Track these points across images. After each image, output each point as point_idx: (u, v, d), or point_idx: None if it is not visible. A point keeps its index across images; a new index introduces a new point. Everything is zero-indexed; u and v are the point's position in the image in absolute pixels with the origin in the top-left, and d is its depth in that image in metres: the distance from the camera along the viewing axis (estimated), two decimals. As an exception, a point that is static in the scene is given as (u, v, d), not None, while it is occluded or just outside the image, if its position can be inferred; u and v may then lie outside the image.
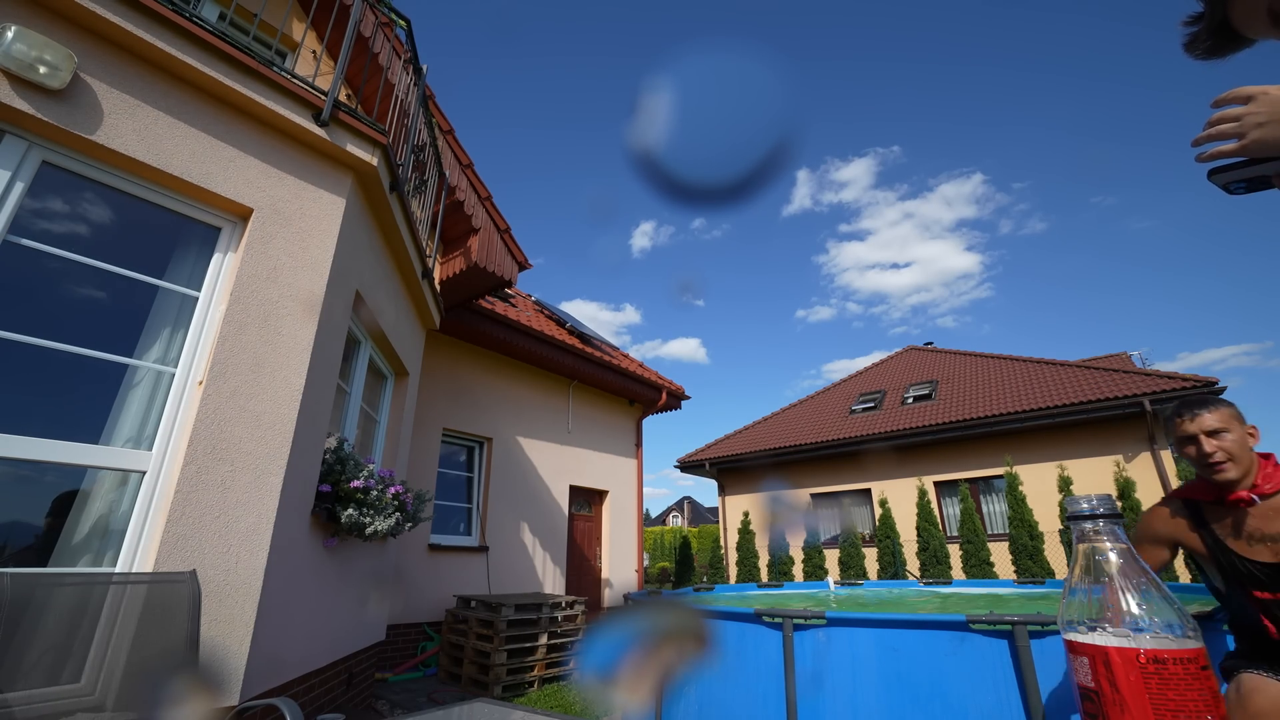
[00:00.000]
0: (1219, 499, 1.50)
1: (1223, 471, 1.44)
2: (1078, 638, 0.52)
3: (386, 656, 5.13)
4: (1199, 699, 0.44)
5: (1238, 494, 1.46)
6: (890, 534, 10.23)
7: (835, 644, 2.38)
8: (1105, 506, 0.55)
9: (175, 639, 1.84)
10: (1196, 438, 1.47)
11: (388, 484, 3.34)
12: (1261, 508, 1.44)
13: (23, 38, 1.91)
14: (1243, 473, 1.44)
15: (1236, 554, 1.47)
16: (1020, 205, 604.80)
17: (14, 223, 1.98)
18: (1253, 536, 1.44)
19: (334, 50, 4.47)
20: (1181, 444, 1.51)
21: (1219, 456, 1.44)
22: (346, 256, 2.94)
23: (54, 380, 2.10)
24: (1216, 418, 1.47)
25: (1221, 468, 1.44)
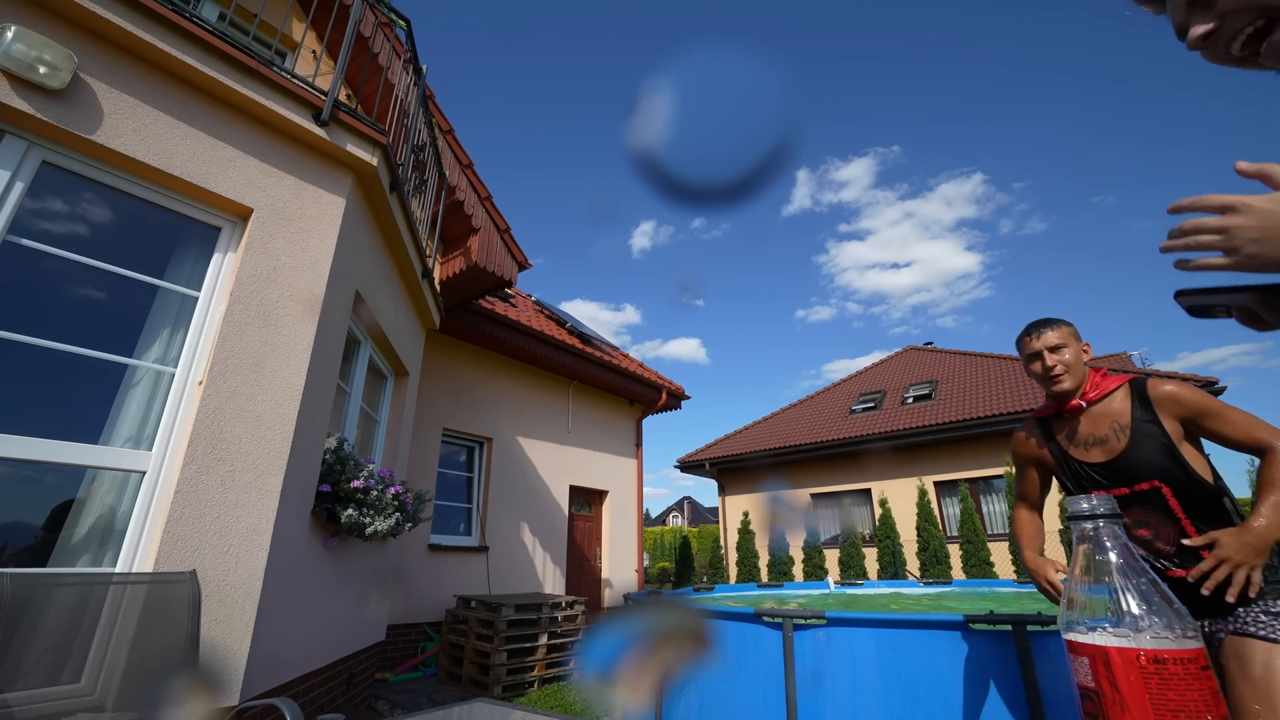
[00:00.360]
0: (1059, 412, 1.64)
1: (1060, 383, 1.57)
2: (1078, 638, 0.52)
3: (386, 656, 5.13)
4: (1199, 699, 0.44)
5: (1071, 403, 1.61)
6: (890, 534, 10.23)
7: (835, 644, 2.38)
8: (1105, 507, 0.55)
9: (175, 639, 1.84)
10: (1040, 354, 1.60)
11: (388, 484, 3.34)
12: (1090, 413, 1.58)
13: (23, 38, 1.92)
14: (1077, 384, 1.58)
15: (1075, 459, 1.61)
16: (1020, 205, 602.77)
17: (14, 223, 1.98)
18: (1085, 441, 1.58)
19: (334, 50, 4.47)
20: (1029, 361, 1.64)
21: (1058, 370, 1.57)
22: (346, 256, 2.94)
23: (54, 380, 2.10)
24: (1057, 335, 1.60)
25: (1060, 379, 1.56)
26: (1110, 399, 1.57)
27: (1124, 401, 1.54)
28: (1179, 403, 1.46)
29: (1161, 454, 1.45)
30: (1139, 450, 1.47)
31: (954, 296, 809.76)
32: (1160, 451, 1.45)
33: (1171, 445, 1.45)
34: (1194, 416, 1.45)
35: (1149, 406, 1.49)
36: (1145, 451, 1.46)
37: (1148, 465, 1.46)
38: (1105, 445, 1.53)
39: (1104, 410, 1.56)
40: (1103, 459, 1.53)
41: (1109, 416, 1.55)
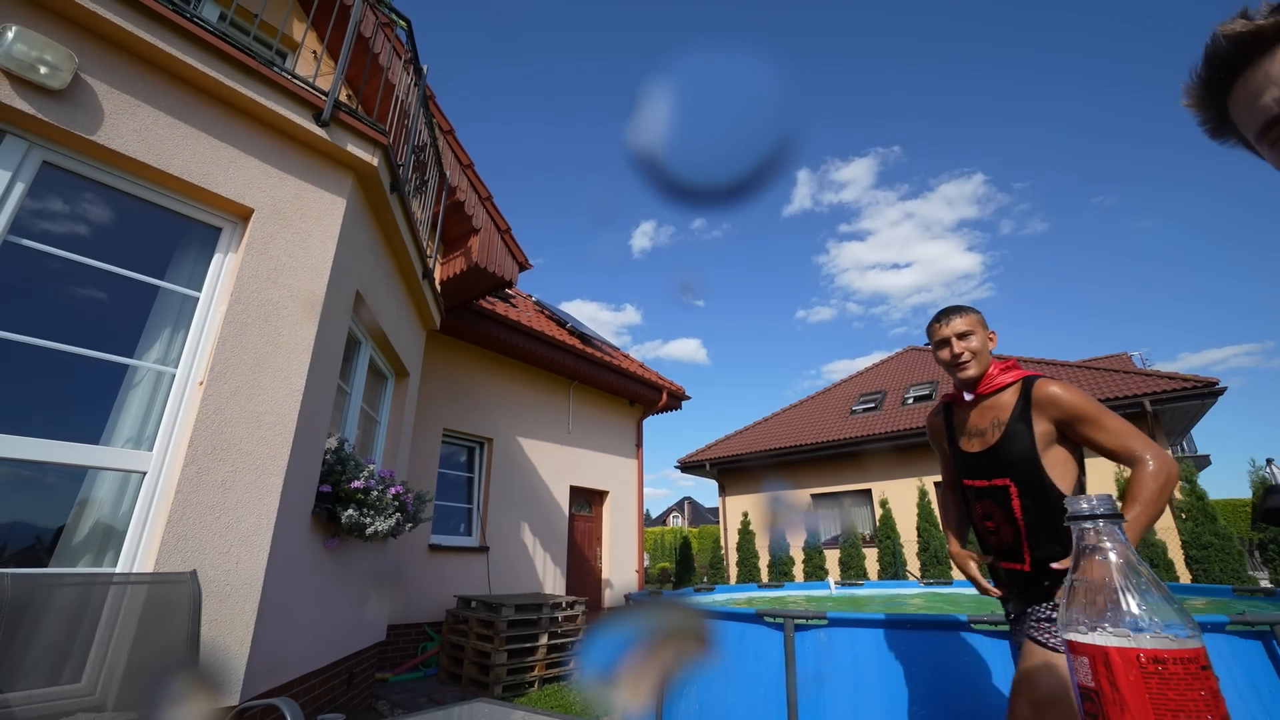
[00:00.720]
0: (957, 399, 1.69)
1: (965, 370, 1.58)
2: (1078, 637, 0.52)
3: (387, 656, 5.13)
4: (1199, 699, 0.44)
5: (961, 396, 1.66)
6: (891, 534, 10.23)
7: (836, 644, 2.38)
8: (1105, 506, 0.55)
9: (176, 639, 1.84)
10: (949, 340, 1.60)
11: (388, 484, 3.34)
12: (981, 405, 1.61)
13: (23, 38, 1.92)
14: (981, 372, 1.59)
15: (958, 447, 1.65)
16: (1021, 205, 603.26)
17: (14, 223, 1.98)
18: (970, 431, 1.61)
19: (334, 50, 4.47)
20: (937, 347, 1.64)
21: (965, 356, 1.58)
22: (347, 257, 2.94)
23: (54, 380, 2.10)
24: (965, 321, 1.61)
25: (965, 366, 1.58)
26: (1002, 394, 1.58)
27: (1011, 397, 1.55)
28: (1057, 405, 1.46)
29: (1021, 454, 1.47)
30: (1004, 447, 1.50)
31: (955, 297, 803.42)
32: (1020, 451, 1.47)
33: (1032, 447, 1.46)
34: (1070, 420, 1.45)
35: (1028, 406, 1.50)
36: (1008, 449, 1.49)
37: (1006, 462, 1.49)
38: (982, 437, 1.56)
39: (993, 404, 1.58)
40: (976, 450, 1.57)
41: (994, 411, 1.57)
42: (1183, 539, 7.56)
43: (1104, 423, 1.43)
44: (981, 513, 1.56)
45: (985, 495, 1.53)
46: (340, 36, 4.28)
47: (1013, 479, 1.47)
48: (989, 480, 1.52)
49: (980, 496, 1.55)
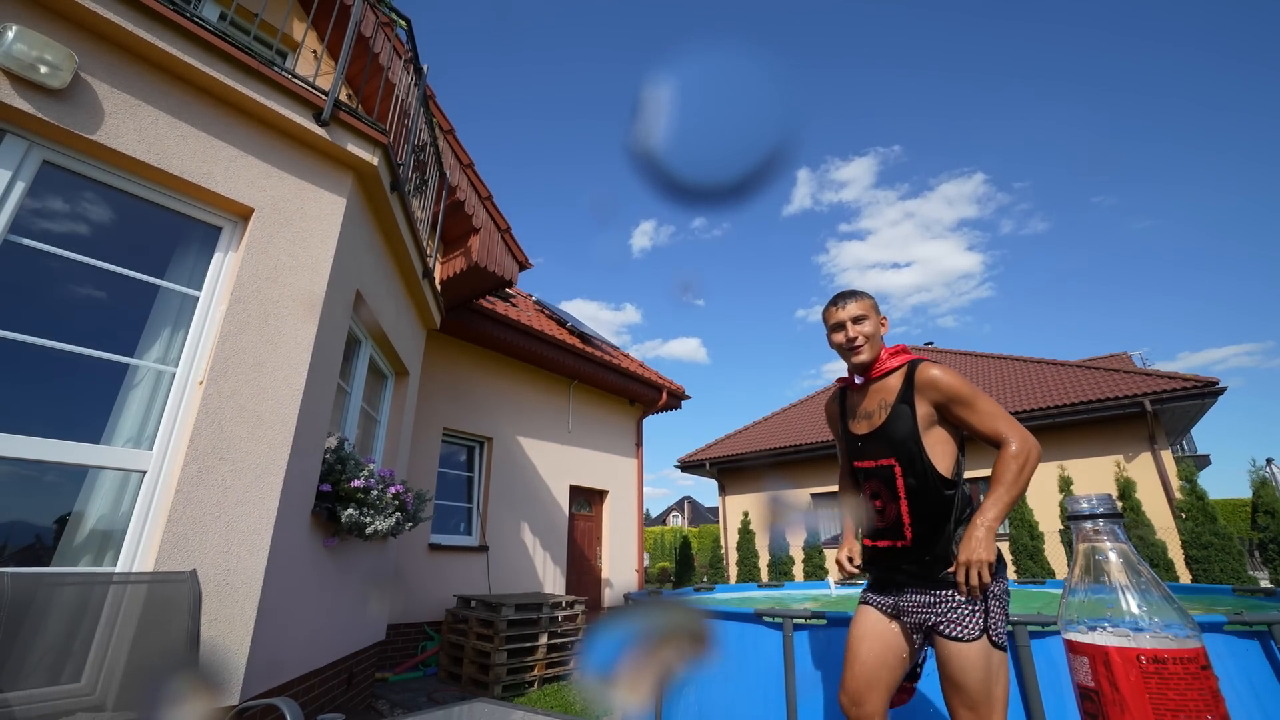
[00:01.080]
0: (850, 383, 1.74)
1: (859, 354, 1.62)
2: (1077, 637, 0.52)
3: (386, 656, 5.13)
4: (1199, 699, 0.44)
5: (853, 380, 1.70)
6: (890, 534, 10.21)
7: (836, 644, 2.38)
8: (1105, 506, 0.55)
9: (175, 639, 1.84)
10: (844, 324, 1.63)
11: (388, 484, 3.34)
12: (871, 389, 1.66)
13: (23, 38, 1.92)
14: (873, 357, 1.64)
15: (848, 429, 1.71)
16: (1021, 205, 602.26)
17: (14, 223, 1.98)
18: (860, 413, 1.66)
19: (334, 50, 4.47)
20: (832, 330, 1.67)
21: (859, 341, 1.61)
22: (347, 256, 2.94)
23: (54, 380, 2.10)
24: (859, 306, 1.64)
25: (859, 351, 1.61)
26: (890, 377, 1.63)
27: (897, 381, 1.60)
28: (936, 387, 1.52)
29: (904, 434, 1.53)
30: (889, 427, 1.55)
31: (954, 296, 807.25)
32: (904, 431, 1.53)
33: (915, 428, 1.53)
34: (947, 401, 1.51)
35: (911, 388, 1.56)
36: (893, 430, 1.54)
37: (891, 442, 1.54)
38: (869, 419, 1.62)
39: (881, 387, 1.63)
40: (864, 432, 1.62)
41: (881, 394, 1.62)
42: (1183, 539, 7.56)
43: (977, 405, 1.50)
44: (870, 492, 1.61)
45: (873, 475, 1.59)
46: (340, 36, 4.28)
47: (897, 458, 1.53)
48: (876, 461, 1.57)
49: (869, 477, 1.60)
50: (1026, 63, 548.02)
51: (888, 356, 1.65)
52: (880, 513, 1.56)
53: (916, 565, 1.49)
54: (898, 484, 1.53)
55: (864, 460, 1.62)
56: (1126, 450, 9.51)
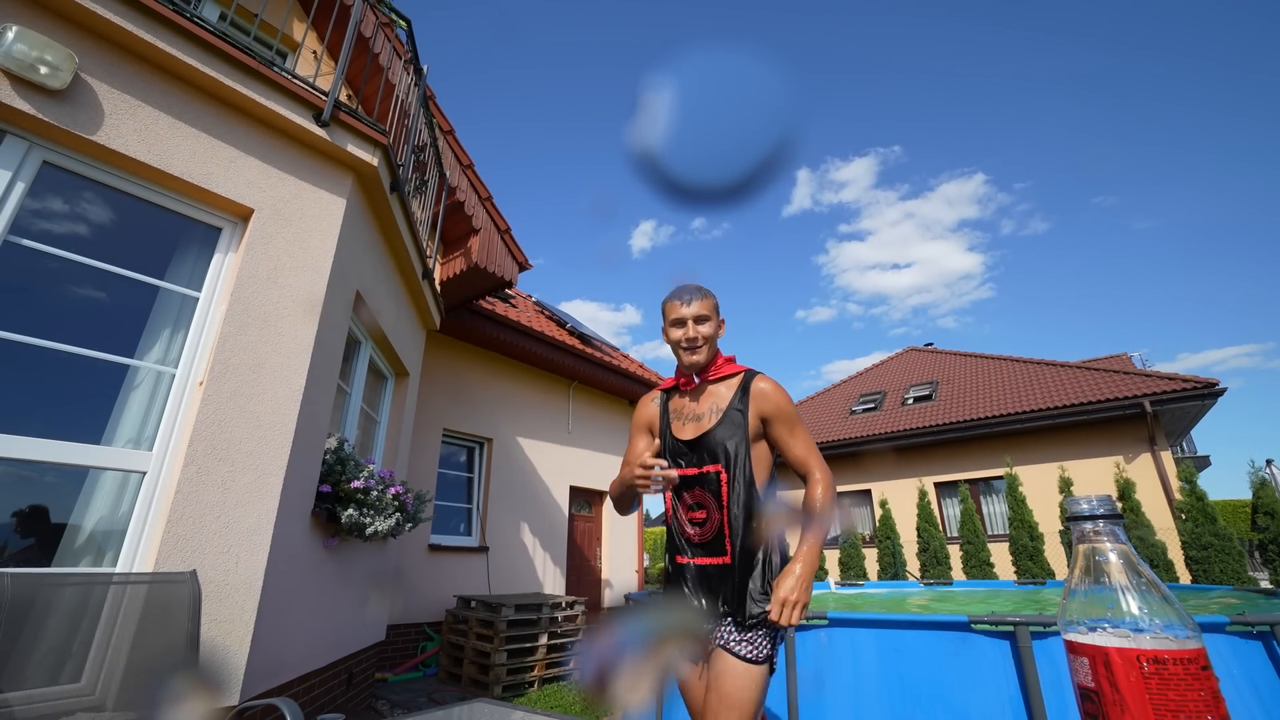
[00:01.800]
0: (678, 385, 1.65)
1: (697, 353, 1.54)
2: (1078, 638, 0.52)
3: (386, 656, 5.13)
4: (1199, 699, 0.44)
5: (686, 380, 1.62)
6: (891, 534, 10.23)
7: (836, 644, 2.38)
8: (1105, 507, 0.55)
9: (175, 639, 1.84)
10: (686, 321, 1.55)
11: (388, 484, 3.34)
12: (700, 392, 1.60)
13: (24, 38, 1.92)
14: (709, 359, 1.58)
15: (671, 433, 1.63)
16: (1022, 205, 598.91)
17: (14, 223, 1.98)
18: (686, 416, 1.60)
19: (334, 51, 4.48)
20: (672, 325, 1.58)
21: (699, 341, 1.54)
22: (347, 257, 2.94)
23: (54, 380, 2.10)
24: (704, 305, 1.56)
25: (697, 350, 1.54)
26: (722, 383, 1.59)
27: (730, 388, 1.56)
28: (768, 399, 1.51)
29: (734, 441, 1.48)
30: (720, 432, 1.50)
31: (955, 297, 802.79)
32: (734, 438, 1.48)
33: (745, 436, 1.49)
34: (774, 417, 1.50)
35: (746, 396, 1.53)
36: (724, 435, 1.49)
37: (722, 448, 1.48)
38: (698, 423, 1.55)
39: (712, 391, 1.58)
40: (690, 436, 1.55)
41: (713, 398, 1.57)
42: (1183, 539, 7.56)
43: (797, 430, 1.52)
44: (691, 501, 1.52)
45: (696, 483, 1.51)
46: (340, 36, 4.28)
47: (725, 465, 1.47)
48: (701, 467, 1.51)
49: (691, 485, 1.52)
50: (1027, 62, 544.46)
51: (723, 361, 1.61)
52: (700, 524, 1.48)
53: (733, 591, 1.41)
54: (723, 492, 1.46)
55: (690, 466, 1.53)
56: (1126, 451, 9.51)
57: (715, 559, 1.44)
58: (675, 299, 1.58)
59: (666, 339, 1.61)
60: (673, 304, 1.58)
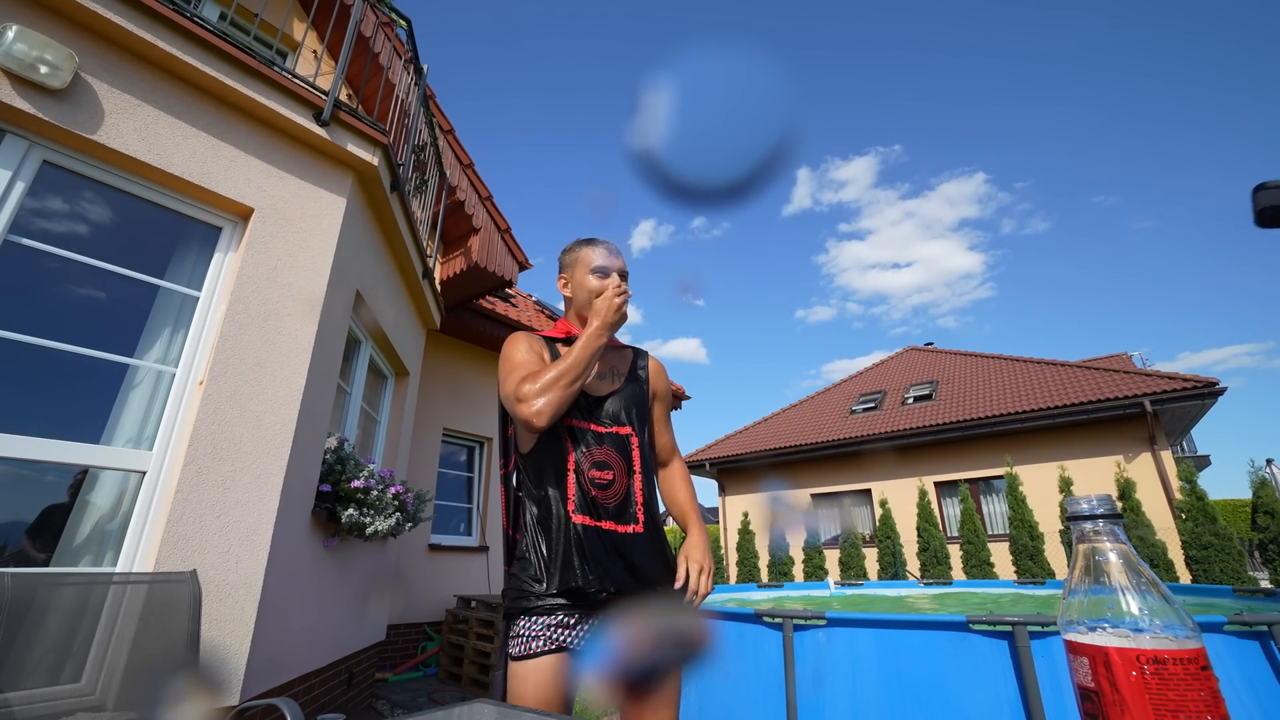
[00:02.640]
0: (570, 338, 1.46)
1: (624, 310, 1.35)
2: (1077, 638, 0.52)
3: (387, 656, 5.13)
4: (1199, 699, 0.44)
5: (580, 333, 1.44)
6: (891, 534, 10.23)
7: (835, 644, 2.38)
8: (1105, 507, 0.55)
9: (175, 639, 1.84)
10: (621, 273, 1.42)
11: (388, 484, 3.34)
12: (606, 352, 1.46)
13: (24, 37, 1.92)
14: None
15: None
16: (1023, 204, 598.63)
17: (14, 222, 1.98)
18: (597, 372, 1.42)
19: (334, 50, 4.47)
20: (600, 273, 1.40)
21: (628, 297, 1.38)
22: (347, 256, 2.94)
23: (54, 380, 2.10)
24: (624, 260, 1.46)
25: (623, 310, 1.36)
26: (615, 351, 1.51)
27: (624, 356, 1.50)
28: (662, 376, 1.53)
29: (641, 407, 1.43)
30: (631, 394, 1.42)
31: (955, 296, 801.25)
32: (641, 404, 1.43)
33: (650, 403, 1.47)
34: (660, 397, 1.51)
35: (645, 368, 1.50)
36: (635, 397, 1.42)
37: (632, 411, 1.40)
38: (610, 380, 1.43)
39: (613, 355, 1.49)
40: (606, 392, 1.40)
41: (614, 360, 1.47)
42: (1183, 539, 7.56)
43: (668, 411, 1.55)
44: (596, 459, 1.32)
45: (605, 441, 1.34)
46: (340, 36, 4.28)
47: (634, 429, 1.39)
48: (611, 426, 1.36)
49: (600, 441, 1.34)
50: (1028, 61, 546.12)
51: None
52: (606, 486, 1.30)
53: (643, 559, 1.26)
54: (634, 455, 1.35)
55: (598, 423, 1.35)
56: (1126, 451, 9.51)
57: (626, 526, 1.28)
58: (601, 246, 1.44)
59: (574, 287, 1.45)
60: (598, 249, 1.43)
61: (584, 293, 1.42)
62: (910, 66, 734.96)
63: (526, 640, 1.19)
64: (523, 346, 1.39)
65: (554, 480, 1.30)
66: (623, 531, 1.27)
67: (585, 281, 1.41)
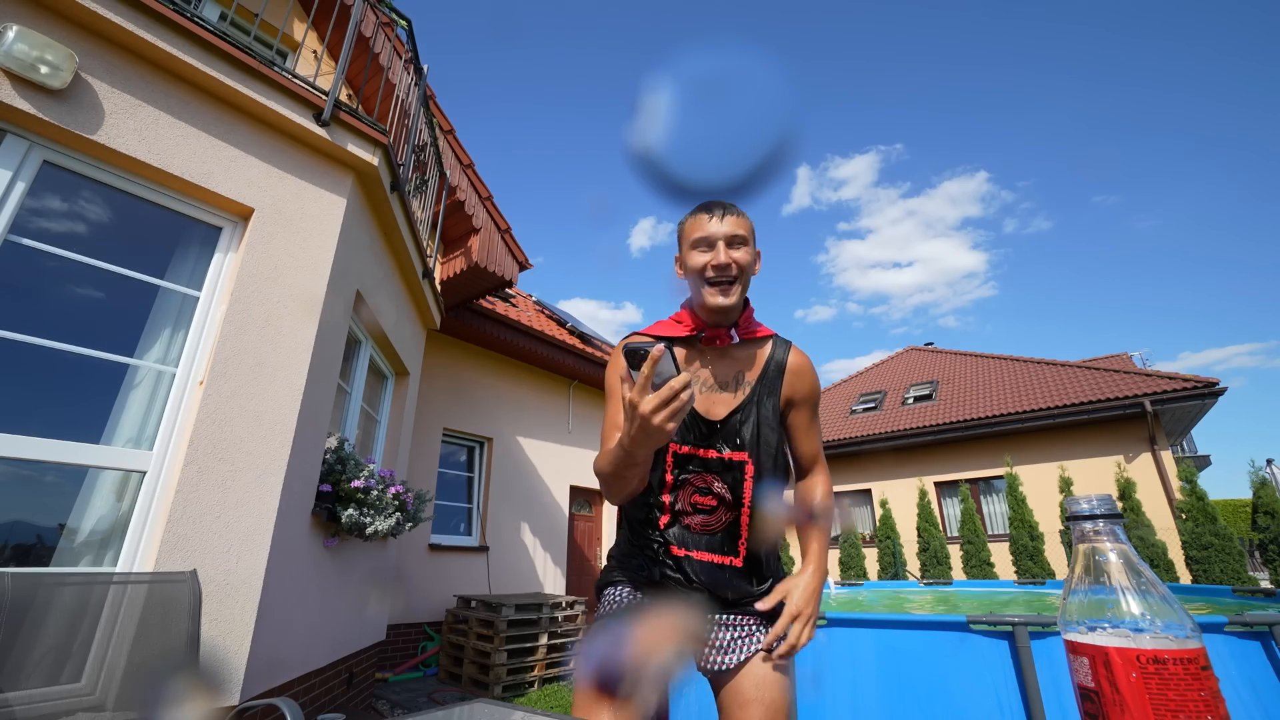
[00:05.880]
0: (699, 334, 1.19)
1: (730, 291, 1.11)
2: (1077, 638, 0.52)
3: (386, 656, 5.13)
4: (1199, 699, 0.44)
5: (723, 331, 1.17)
6: (891, 534, 10.23)
7: (836, 644, 2.38)
8: (1105, 507, 0.55)
9: (175, 639, 1.84)
10: (717, 242, 1.11)
11: (388, 484, 3.34)
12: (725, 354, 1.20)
13: (24, 38, 1.92)
14: (739, 306, 1.15)
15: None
16: (1025, 203, 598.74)
17: (15, 222, 1.98)
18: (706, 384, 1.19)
19: (335, 50, 4.48)
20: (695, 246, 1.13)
21: (734, 271, 1.11)
22: (347, 256, 2.94)
23: (54, 380, 2.10)
24: (741, 223, 1.13)
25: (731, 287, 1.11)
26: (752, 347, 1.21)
27: (759, 355, 1.21)
28: (804, 380, 1.21)
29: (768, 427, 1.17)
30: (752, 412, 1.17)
31: (956, 296, 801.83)
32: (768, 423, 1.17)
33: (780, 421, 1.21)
34: (801, 403, 1.22)
35: (782, 371, 1.19)
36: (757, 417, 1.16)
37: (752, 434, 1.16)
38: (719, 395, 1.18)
39: (740, 355, 1.20)
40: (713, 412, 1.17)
41: (739, 365, 1.19)
42: (1183, 539, 7.56)
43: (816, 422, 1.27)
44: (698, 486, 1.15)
45: (712, 469, 1.15)
46: (340, 36, 4.28)
47: (752, 455, 1.15)
48: (722, 453, 1.15)
49: (705, 469, 1.15)
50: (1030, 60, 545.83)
51: (751, 315, 1.22)
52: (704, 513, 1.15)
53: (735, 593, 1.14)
54: (745, 486, 1.14)
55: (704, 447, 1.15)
56: (1127, 451, 9.51)
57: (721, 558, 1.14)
58: (701, 213, 1.14)
59: (683, 268, 1.17)
60: (698, 218, 1.14)
61: (692, 273, 1.14)
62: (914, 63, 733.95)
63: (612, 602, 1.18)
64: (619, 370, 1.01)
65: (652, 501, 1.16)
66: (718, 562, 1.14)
67: (689, 259, 1.14)
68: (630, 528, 1.21)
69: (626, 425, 0.88)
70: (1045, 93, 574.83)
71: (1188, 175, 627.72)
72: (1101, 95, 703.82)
